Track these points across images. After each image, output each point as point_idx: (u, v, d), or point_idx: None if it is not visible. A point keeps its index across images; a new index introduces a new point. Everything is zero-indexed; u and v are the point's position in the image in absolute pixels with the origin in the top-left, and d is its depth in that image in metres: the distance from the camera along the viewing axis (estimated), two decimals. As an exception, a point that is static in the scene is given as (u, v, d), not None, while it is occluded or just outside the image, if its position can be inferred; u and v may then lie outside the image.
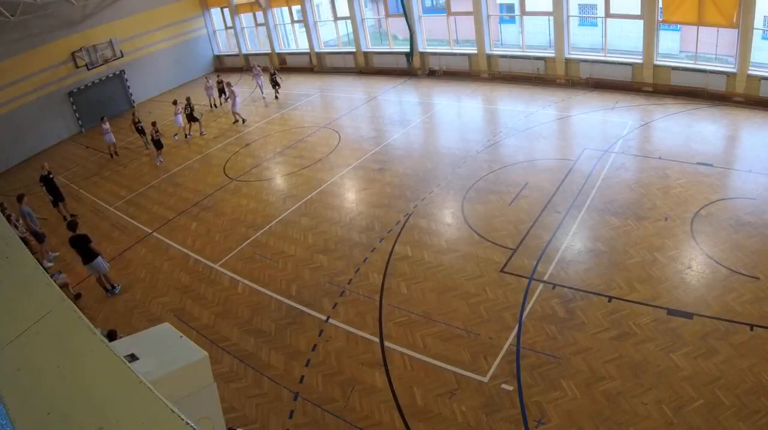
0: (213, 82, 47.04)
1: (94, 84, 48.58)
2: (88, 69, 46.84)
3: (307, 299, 20.22)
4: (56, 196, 29.09)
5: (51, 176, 29.11)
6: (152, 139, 35.46)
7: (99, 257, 21.73)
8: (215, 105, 45.92)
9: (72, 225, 22.15)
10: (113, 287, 22.38)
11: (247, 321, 19.58)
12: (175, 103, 40.27)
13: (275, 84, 45.66)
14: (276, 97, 45.78)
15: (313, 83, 48.41)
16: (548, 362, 15.90)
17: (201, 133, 40.21)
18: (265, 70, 47.96)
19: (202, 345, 9.08)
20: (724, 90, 33.91)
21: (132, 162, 36.81)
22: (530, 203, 24.16)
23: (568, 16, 39.46)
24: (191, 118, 39.74)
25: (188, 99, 39.74)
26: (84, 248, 21.52)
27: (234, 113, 41.27)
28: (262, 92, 47.24)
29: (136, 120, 37.69)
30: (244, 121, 40.81)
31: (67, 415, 4.39)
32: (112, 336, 15.52)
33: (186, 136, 39.35)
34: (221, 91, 45.99)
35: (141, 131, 38.19)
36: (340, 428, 14.86)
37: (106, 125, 37.38)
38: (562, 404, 14.58)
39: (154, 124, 35.51)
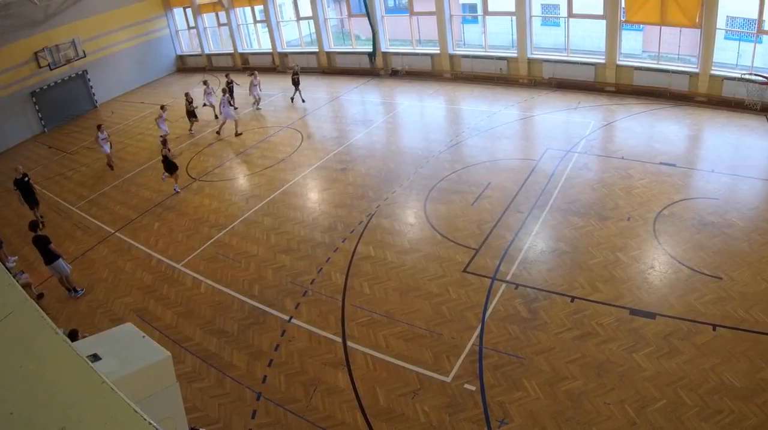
0: (212, 87, 43.38)
1: (56, 84, 47.88)
2: (51, 69, 46.25)
3: (269, 299, 20.18)
4: (31, 200, 28.38)
5: (27, 180, 28.22)
6: (162, 159, 29.91)
7: (60, 259, 21.53)
8: (217, 115, 41.77)
9: (33, 225, 21.92)
10: (76, 291, 22.15)
11: (209, 321, 19.51)
12: (163, 108, 37.29)
13: (296, 84, 42.06)
14: (302, 101, 42.30)
15: (275, 83, 48.05)
16: (511, 362, 15.98)
17: (190, 131, 39.33)
18: (290, 69, 44.33)
19: (164, 345, 9.04)
20: (687, 90, 34.24)
21: (95, 162, 36.37)
22: (493, 203, 24.26)
23: (530, 16, 39.71)
24: (191, 114, 38.63)
25: (187, 95, 38.77)
26: (44, 250, 21.34)
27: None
28: (257, 104, 42.95)
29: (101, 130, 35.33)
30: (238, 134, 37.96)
31: (30, 415, 4.36)
32: (73, 336, 15.36)
33: (190, 131, 38.82)
34: (230, 91, 41.37)
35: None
36: (302, 428, 14.83)
37: (104, 134, 33.99)
38: (525, 404, 14.65)
39: (164, 142, 30.39)
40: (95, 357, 7.88)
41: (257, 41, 56.17)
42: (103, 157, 34.95)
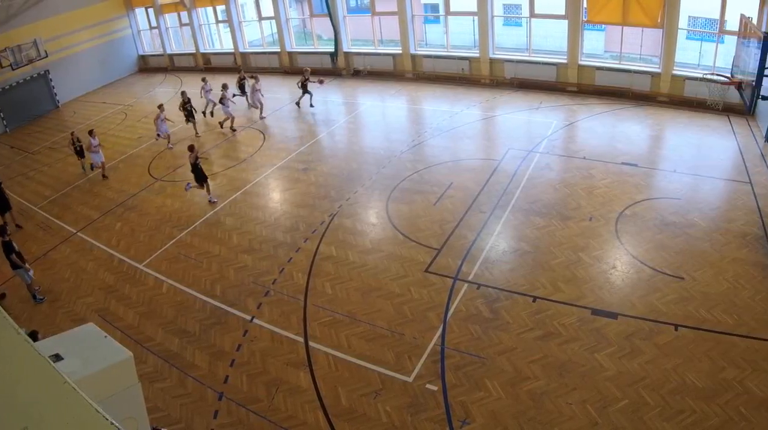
0: (210, 84, 41.31)
1: (18, 84, 47.20)
2: (13, 69, 45.60)
3: (231, 299, 20.06)
4: (3, 205, 27.74)
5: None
6: (192, 167, 27.18)
7: (21, 269, 21.23)
8: (212, 113, 40.67)
9: (1, 230, 21.64)
10: (37, 298, 21.85)
11: (171, 321, 19.34)
12: (161, 107, 35.00)
13: (306, 90, 39.23)
14: (310, 105, 39.78)
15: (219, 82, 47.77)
16: (473, 362, 15.96)
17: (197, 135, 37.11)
18: (304, 72, 39.68)
19: (126, 345, 8.94)
20: (649, 90, 34.49)
21: (57, 162, 35.93)
22: (455, 203, 24.28)
23: (492, 16, 39.80)
24: (190, 115, 36.67)
25: (183, 94, 36.86)
26: (7, 257, 21.04)
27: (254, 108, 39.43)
28: (261, 111, 39.52)
29: (75, 139, 33.07)
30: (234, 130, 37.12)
31: (-8, 415, 4.29)
32: (33, 337, 15.18)
33: (197, 135, 36.84)
34: (242, 87, 41.14)
35: (79, 152, 33.31)
36: (264, 428, 14.74)
37: (96, 140, 31.60)
38: (487, 404, 14.64)
39: (192, 147, 27.52)
40: (57, 357, 7.81)
41: (219, 41, 55.79)
42: (66, 157, 34.69)
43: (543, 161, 27.39)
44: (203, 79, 40.33)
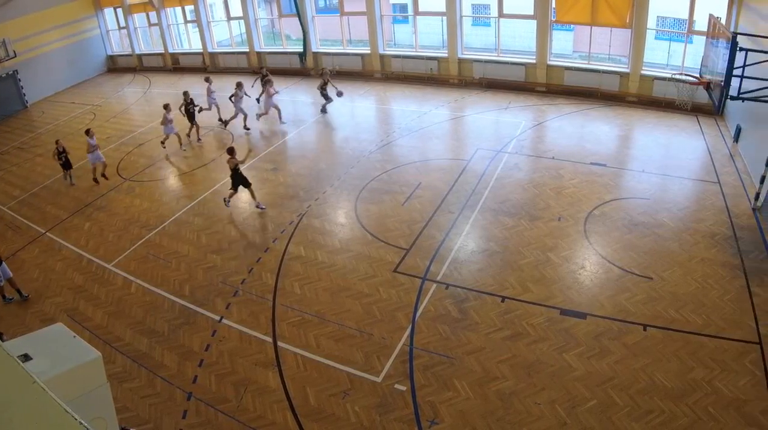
0: (215, 85, 38.61)
1: (-14, 84, 46.84)
2: (-19, 69, 45.23)
3: (200, 299, 19.92)
4: None
5: None
6: (232, 173, 25.13)
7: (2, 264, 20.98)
8: (221, 119, 37.86)
9: None
10: (6, 298, 21.58)
11: (140, 321, 19.14)
12: (167, 107, 32.79)
13: (326, 95, 37.61)
14: (323, 110, 37.98)
15: (206, 83, 47.43)
16: (441, 362, 15.94)
17: (198, 140, 35.28)
18: (322, 75, 37.90)
19: (95, 345, 8.88)
20: (618, 90, 34.71)
21: (26, 162, 35.52)
22: (423, 203, 24.28)
23: (461, 16, 39.93)
24: (191, 116, 34.65)
25: (186, 94, 34.97)
26: None
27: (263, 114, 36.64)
28: (280, 116, 37.01)
29: (60, 149, 30.38)
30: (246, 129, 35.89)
31: (-39, 414, 4.25)
32: (-2, 339, 15.06)
33: (198, 140, 35.09)
34: (264, 82, 37.30)
35: (65, 163, 30.98)
36: (233, 429, 14.64)
37: (93, 140, 29.81)
38: (455, 404, 14.62)
39: (232, 150, 25.06)
40: (26, 357, 7.78)
41: (188, 41, 55.52)
42: (34, 157, 34.41)
43: (512, 161, 27.46)
44: (207, 79, 38.03)
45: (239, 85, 35.77)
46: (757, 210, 22.25)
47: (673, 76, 27.03)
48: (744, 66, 17.21)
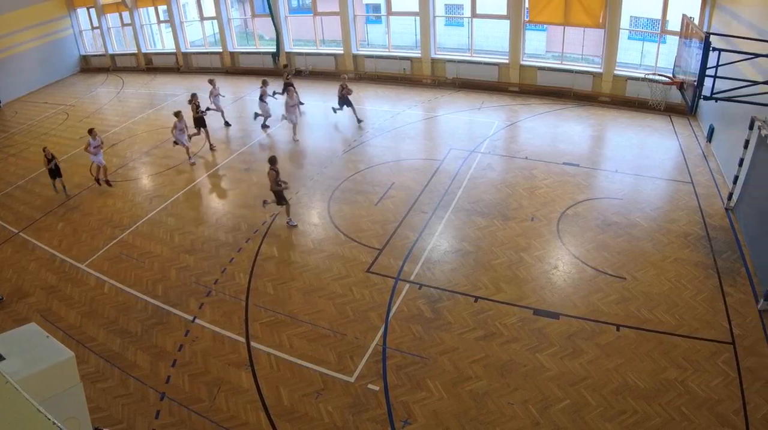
0: (219, 87, 36.21)
1: (-41, 84, 46.45)
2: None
3: (173, 299, 19.80)
4: None
5: None
6: (276, 190, 23.35)
7: None
8: (228, 123, 36.27)
9: None
10: None
11: (113, 321, 18.99)
12: (178, 115, 30.49)
13: (348, 102, 34.77)
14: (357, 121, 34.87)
15: (179, 83, 47.49)
16: (414, 363, 15.93)
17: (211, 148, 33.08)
18: (342, 84, 34.80)
19: (68, 345, 8.81)
20: (591, 90, 34.88)
21: (-2, 162, 35.51)
22: (396, 203, 24.28)
23: (434, 17, 40.05)
24: (201, 122, 32.62)
25: (194, 96, 33.25)
26: None
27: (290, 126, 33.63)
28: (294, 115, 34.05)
29: (49, 156, 28.63)
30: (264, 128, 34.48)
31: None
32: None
33: (212, 148, 32.91)
34: (287, 87, 34.79)
35: (55, 170, 28.67)
36: (206, 429, 14.56)
37: (97, 140, 28.46)
38: (428, 404, 14.61)
39: (274, 160, 23.19)
40: (-1, 357, 7.71)
41: (161, 41, 55.30)
42: (7, 157, 34.11)
43: (485, 161, 27.52)
44: (211, 81, 36.03)
45: (265, 83, 35.07)
46: (730, 210, 22.37)
47: (647, 76, 27.13)
48: (717, 66, 17.30)
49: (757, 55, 17.92)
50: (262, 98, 34.72)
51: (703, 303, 17.46)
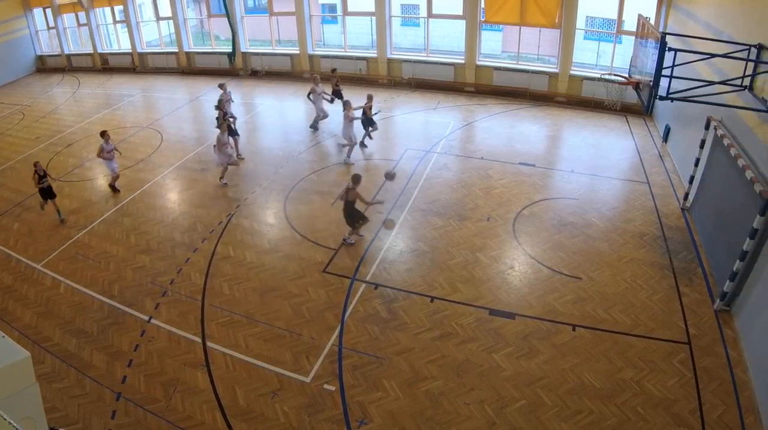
0: (230, 92, 33.46)
1: None
2: None
3: (129, 299, 19.60)
4: None
5: None
6: (346, 206, 21.24)
7: None
8: (236, 132, 31.53)
9: None
10: None
11: (69, 321, 18.74)
12: (223, 127, 27.39)
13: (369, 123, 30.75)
14: (366, 141, 31.35)
15: (135, 83, 47.25)
16: (370, 363, 15.90)
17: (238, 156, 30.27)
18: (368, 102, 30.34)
19: (24, 345, 8.66)
20: (547, 90, 35.09)
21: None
22: (353, 204, 24.05)
23: (390, 17, 40.09)
24: (230, 130, 29.51)
25: (222, 103, 30.75)
26: None
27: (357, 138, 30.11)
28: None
29: (41, 172, 24.93)
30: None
31: None
32: None
33: (239, 155, 30.39)
34: (336, 95, 33.93)
35: (47, 191, 25.28)
36: (162, 429, 14.44)
37: (110, 145, 26.98)
38: (384, 405, 14.58)
39: (356, 179, 21.02)
40: (-47, 357, 7.66)
41: (117, 42, 54.95)
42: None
43: (440, 161, 27.59)
44: (221, 86, 32.85)
45: (315, 80, 33.15)
46: (686, 210, 22.55)
47: (602, 76, 27.27)
48: (673, 66, 17.37)
49: (713, 55, 18.04)
50: (310, 95, 32.83)
51: (659, 303, 17.60)
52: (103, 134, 27.02)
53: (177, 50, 49.52)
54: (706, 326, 16.69)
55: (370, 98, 30.02)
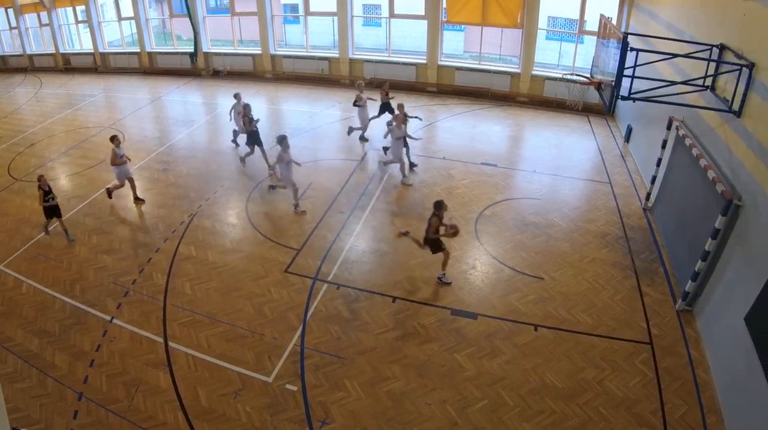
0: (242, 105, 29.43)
1: None
2: None
3: (91, 299, 19.40)
4: None
5: None
6: (433, 238, 18.83)
7: None
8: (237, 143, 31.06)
9: None
10: None
11: (31, 321, 18.54)
12: (114, 140, 24.95)
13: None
14: (410, 168, 27.67)
15: (97, 84, 46.99)
16: (332, 363, 15.84)
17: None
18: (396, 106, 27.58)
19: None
20: (509, 90, 35.25)
21: None
22: (314, 204, 24.21)
23: (352, 17, 40.18)
24: (254, 138, 28.08)
25: (247, 108, 28.17)
26: None
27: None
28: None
29: (46, 188, 22.68)
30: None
31: None
32: None
33: (271, 169, 26.30)
34: (385, 108, 31.43)
35: (53, 209, 23.03)
36: (124, 429, 14.32)
37: (121, 150, 24.79)
38: (346, 405, 14.53)
39: (438, 209, 18.71)
40: None
41: (79, 42, 54.63)
42: None
43: (403, 161, 27.33)
44: (236, 96, 31.06)
45: (360, 87, 30.72)
46: (648, 210, 22.69)
47: (564, 76, 27.34)
48: (635, 66, 17.43)
49: (674, 55, 18.12)
50: (356, 103, 30.44)
51: (620, 303, 17.70)
52: (113, 139, 24.68)
53: (139, 50, 49.21)
54: (668, 326, 16.80)
55: (400, 108, 26.81)
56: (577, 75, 26.55)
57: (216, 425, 14.24)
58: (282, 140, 23.01)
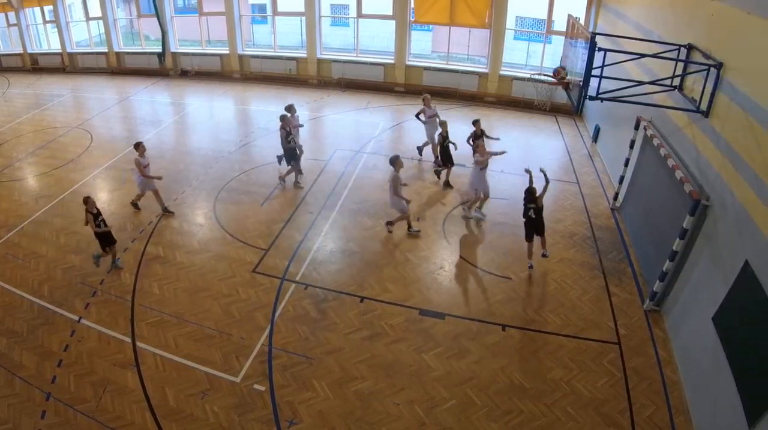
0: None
1: None
2: None
3: (59, 299, 19.21)
4: None
5: None
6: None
7: None
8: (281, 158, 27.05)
9: None
10: None
11: (-1, 321, 18.66)
12: (139, 147, 23.72)
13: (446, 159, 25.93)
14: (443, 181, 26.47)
15: (65, 84, 46.57)
16: (300, 363, 15.80)
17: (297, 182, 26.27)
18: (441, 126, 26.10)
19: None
20: (477, 90, 35.36)
21: None
22: (282, 204, 24.16)
23: (320, 17, 40.06)
24: (292, 154, 25.61)
25: (285, 119, 25.89)
26: None
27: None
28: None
29: (94, 211, 20.32)
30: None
31: None
32: None
33: (296, 184, 26.21)
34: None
35: (107, 236, 20.79)
36: (92, 429, 14.21)
37: (145, 159, 23.63)
38: (314, 405, 14.50)
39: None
40: None
41: (47, 42, 54.27)
42: None
43: (370, 162, 27.66)
44: (290, 108, 27.48)
45: (426, 100, 27.46)
46: (616, 210, 22.81)
47: (532, 76, 27.47)
48: (603, 66, 17.47)
49: (642, 55, 18.20)
50: (419, 116, 27.76)
51: (588, 303, 17.78)
52: (138, 146, 23.37)
53: (107, 50, 48.81)
54: (636, 326, 16.91)
55: (476, 124, 25.16)
56: (544, 75, 26.68)
57: (184, 425, 14.16)
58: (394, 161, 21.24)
